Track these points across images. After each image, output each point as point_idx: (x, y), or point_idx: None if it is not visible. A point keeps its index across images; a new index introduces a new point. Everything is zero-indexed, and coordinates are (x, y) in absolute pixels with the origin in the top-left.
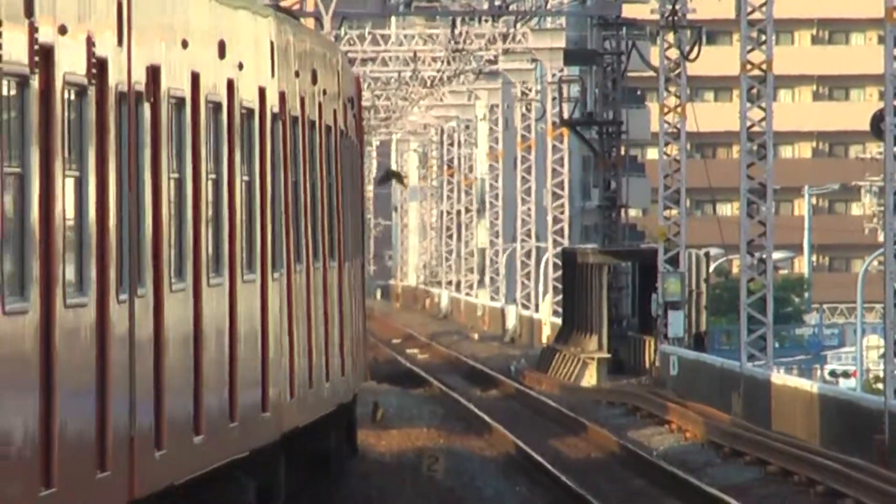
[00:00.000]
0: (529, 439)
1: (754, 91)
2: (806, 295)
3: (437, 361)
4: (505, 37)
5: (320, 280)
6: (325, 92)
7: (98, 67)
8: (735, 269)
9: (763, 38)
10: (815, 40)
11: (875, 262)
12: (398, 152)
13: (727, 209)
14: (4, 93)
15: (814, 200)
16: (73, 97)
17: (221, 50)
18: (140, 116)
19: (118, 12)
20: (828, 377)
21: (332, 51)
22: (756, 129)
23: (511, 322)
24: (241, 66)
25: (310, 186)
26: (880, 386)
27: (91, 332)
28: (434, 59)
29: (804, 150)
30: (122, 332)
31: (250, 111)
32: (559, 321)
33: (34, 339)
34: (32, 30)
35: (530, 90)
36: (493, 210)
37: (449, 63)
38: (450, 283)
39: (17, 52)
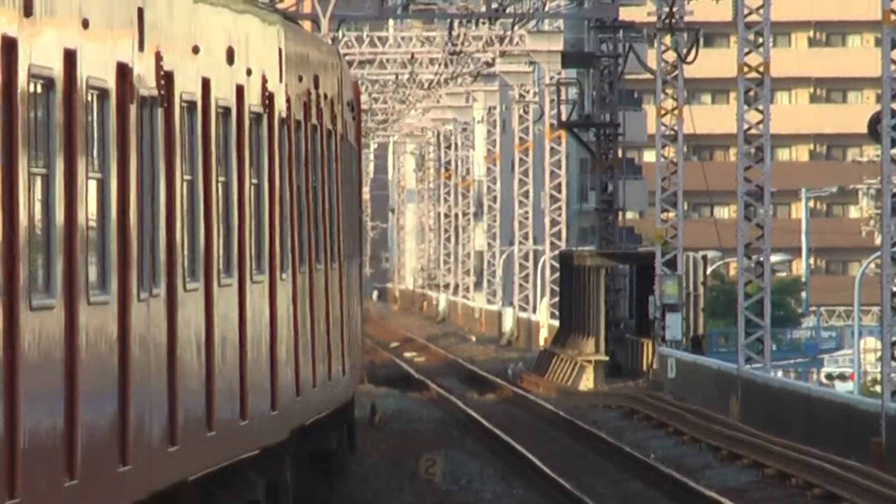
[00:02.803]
0: (527, 442)
1: (751, 93)
2: (803, 298)
3: (434, 364)
4: (502, 39)
5: (232, 299)
6: (249, 72)
7: None
8: (732, 272)
9: (760, 40)
10: (813, 43)
11: (872, 265)
12: (395, 155)
13: (724, 212)
14: None
15: (811, 203)
16: None
17: (28, 11)
18: None
19: None
20: (825, 380)
21: (269, 21)
22: (753, 131)
23: (508, 325)
24: (85, 24)
25: (218, 186)
26: (878, 389)
27: None
28: (431, 62)
29: (801, 152)
30: None
31: (104, 92)
32: (557, 324)
33: None
34: None
35: (528, 92)
36: (491, 213)
37: (446, 65)
38: (447, 285)
39: None
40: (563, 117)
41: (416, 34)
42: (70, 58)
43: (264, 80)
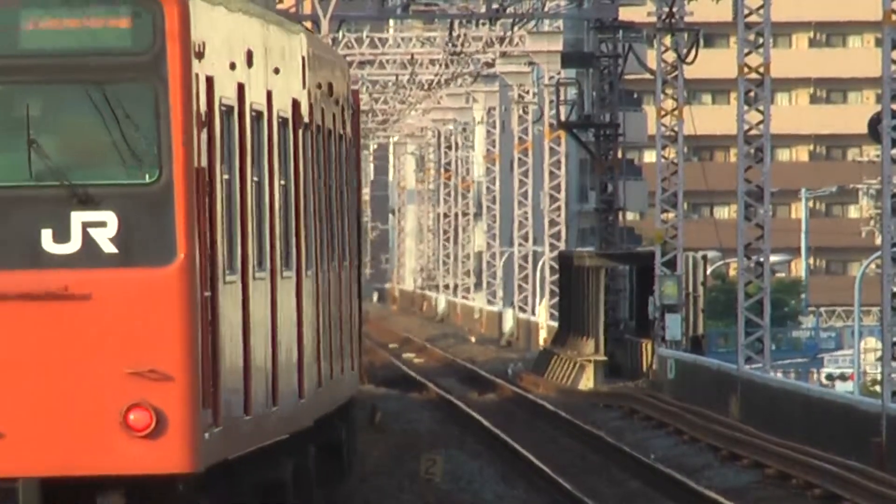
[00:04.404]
0: (527, 442)
1: (752, 94)
2: (803, 298)
3: (434, 365)
4: (502, 40)
5: (335, 278)
6: (337, 102)
7: None
8: (732, 273)
9: (760, 40)
10: (813, 43)
11: (872, 265)
12: (395, 156)
13: (724, 212)
14: None
15: (811, 203)
16: None
17: (250, 63)
18: None
19: None
20: (825, 380)
21: (345, 64)
22: (753, 132)
23: (508, 325)
24: (276, 71)
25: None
26: (878, 389)
27: None
28: (431, 62)
29: (801, 153)
30: None
31: (284, 121)
32: (556, 324)
33: None
34: None
35: (527, 93)
36: (491, 213)
37: (446, 66)
38: (447, 286)
39: None
40: (563, 118)
41: (416, 35)
42: (269, 96)
43: (343, 109)
